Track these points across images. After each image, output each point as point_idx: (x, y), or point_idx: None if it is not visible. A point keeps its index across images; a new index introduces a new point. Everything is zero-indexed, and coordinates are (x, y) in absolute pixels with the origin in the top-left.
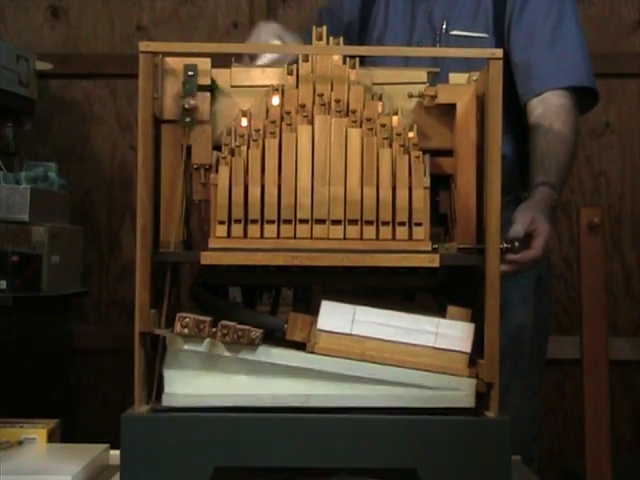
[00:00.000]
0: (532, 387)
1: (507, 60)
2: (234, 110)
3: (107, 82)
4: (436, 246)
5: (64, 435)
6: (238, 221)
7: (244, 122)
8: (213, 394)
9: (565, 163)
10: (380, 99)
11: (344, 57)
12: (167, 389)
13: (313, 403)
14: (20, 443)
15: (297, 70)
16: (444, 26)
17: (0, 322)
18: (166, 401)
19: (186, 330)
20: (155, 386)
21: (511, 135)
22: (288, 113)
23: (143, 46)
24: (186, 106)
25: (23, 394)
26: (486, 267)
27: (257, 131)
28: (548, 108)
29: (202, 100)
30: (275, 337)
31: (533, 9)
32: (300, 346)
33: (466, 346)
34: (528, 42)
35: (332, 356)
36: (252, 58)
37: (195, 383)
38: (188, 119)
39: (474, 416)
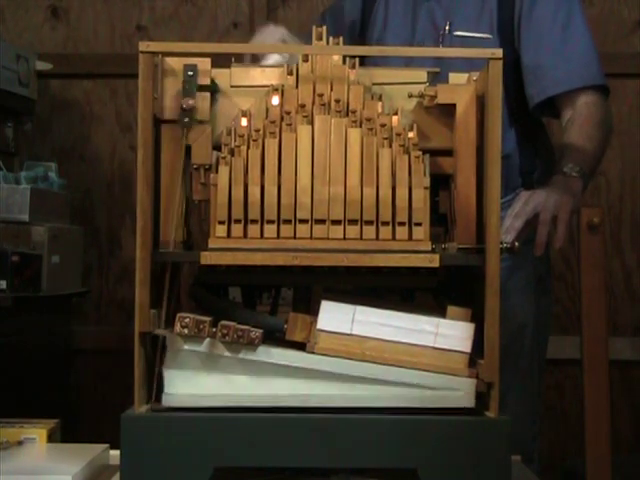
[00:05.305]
0: (532, 387)
1: (516, 60)
2: (234, 110)
3: (107, 82)
4: (434, 246)
5: (64, 435)
6: (238, 221)
7: (244, 122)
8: (213, 394)
9: (590, 153)
10: (380, 99)
11: (344, 57)
12: (167, 389)
13: (313, 403)
14: (20, 443)
15: (297, 70)
16: (447, 27)
17: (0, 322)
18: (166, 401)
19: (186, 330)
20: (155, 386)
21: (514, 134)
22: (288, 113)
23: (143, 46)
24: (184, 106)
25: (23, 394)
26: (486, 267)
27: (257, 131)
28: (574, 109)
29: (202, 100)
30: (275, 337)
31: (541, 10)
32: (300, 346)
33: (466, 346)
34: (538, 43)
35: (332, 356)
36: (254, 59)
37: (195, 383)
38: (186, 119)
39: (474, 416)
